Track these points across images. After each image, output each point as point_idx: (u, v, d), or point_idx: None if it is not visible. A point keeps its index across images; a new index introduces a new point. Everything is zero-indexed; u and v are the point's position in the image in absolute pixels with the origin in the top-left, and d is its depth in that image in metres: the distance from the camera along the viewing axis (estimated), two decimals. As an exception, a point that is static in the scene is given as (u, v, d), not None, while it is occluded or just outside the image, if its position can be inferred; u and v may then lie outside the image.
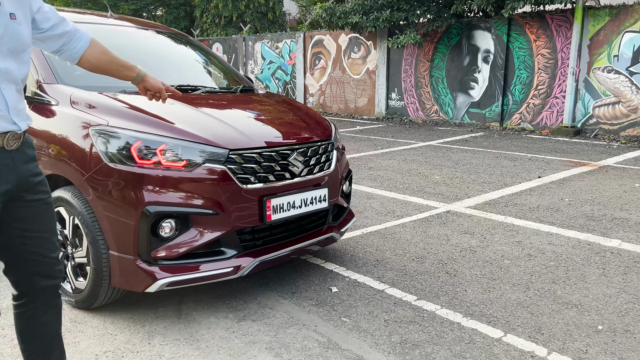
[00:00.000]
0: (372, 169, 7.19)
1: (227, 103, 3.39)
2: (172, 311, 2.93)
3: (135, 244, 2.58)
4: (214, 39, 19.40)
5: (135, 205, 2.55)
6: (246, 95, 3.71)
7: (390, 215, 4.96)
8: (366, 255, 3.89)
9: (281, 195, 2.94)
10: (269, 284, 3.33)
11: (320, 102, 15.56)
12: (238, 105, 3.41)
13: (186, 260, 2.69)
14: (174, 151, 2.64)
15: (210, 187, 2.68)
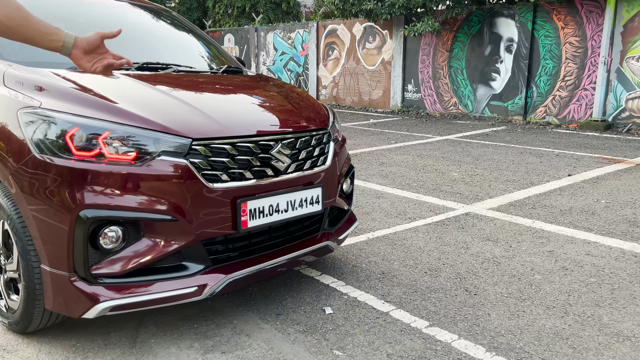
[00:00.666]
0: (384, 164, 6.59)
1: (202, 84, 2.83)
2: (127, 337, 2.39)
3: (70, 257, 2.03)
4: (226, 30, 18.90)
5: (69, 209, 2.01)
6: (228, 77, 3.14)
7: (402, 217, 4.37)
8: (370, 266, 3.30)
9: (261, 197, 2.37)
10: (250, 302, 2.77)
11: (333, 95, 14.95)
12: (215, 88, 2.85)
13: (136, 278, 2.14)
14: (120, 140, 2.09)
15: (167, 186, 2.13)
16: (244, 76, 3.24)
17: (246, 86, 3.00)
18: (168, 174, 2.12)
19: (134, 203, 2.07)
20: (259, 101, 2.82)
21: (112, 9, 3.40)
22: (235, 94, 2.83)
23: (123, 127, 2.10)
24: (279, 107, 2.77)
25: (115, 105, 2.19)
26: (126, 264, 2.10)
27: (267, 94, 2.95)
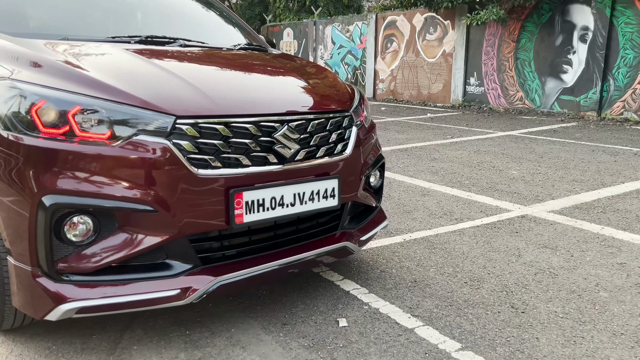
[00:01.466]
0: (436, 160, 6.08)
1: (207, 60, 2.51)
2: (108, 342, 2.11)
3: (33, 249, 1.77)
4: (285, 25, 18.77)
5: (31, 194, 1.75)
6: (242, 54, 2.81)
7: (447, 218, 3.89)
8: (401, 272, 2.88)
9: (261, 188, 2.02)
10: (255, 307, 2.44)
11: (390, 89, 14.41)
12: (219, 64, 2.52)
13: (108, 277, 1.85)
14: (93, 115, 1.81)
15: (145, 171, 1.82)
16: (262, 54, 2.90)
17: (259, 63, 2.66)
18: (146, 156, 1.82)
19: (105, 189, 1.79)
20: (268, 79, 2.47)
21: None
22: (241, 71, 2.49)
23: (96, 100, 1.82)
24: (292, 86, 2.41)
25: (91, 76, 1.91)
26: (97, 260, 1.82)
27: (280, 72, 2.60)
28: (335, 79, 2.73)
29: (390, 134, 8.20)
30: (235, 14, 3.55)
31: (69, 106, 1.78)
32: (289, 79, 2.51)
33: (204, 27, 3.19)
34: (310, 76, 2.64)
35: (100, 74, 1.94)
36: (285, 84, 2.44)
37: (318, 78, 2.66)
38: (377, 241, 3.36)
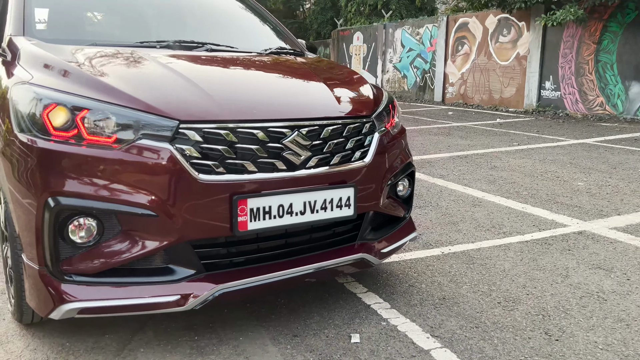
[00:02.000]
0: (495, 168, 5.77)
1: (228, 64, 2.49)
2: (118, 342, 2.14)
3: (39, 248, 1.83)
4: (356, 29, 18.73)
5: (38, 194, 1.80)
6: (270, 58, 2.77)
7: (494, 230, 3.66)
8: (431, 287, 2.72)
9: (268, 195, 1.97)
10: (269, 316, 2.38)
11: (460, 93, 13.95)
12: (241, 68, 2.49)
13: (110, 279, 1.87)
14: (100, 120, 1.83)
15: (147, 175, 1.82)
16: (290, 58, 2.85)
17: (281, 68, 2.61)
18: (149, 161, 1.82)
19: (107, 192, 1.80)
20: (285, 83, 2.42)
21: None
22: (259, 76, 2.45)
23: (103, 104, 1.84)
24: (309, 91, 2.34)
25: (102, 81, 1.94)
26: (100, 262, 1.84)
27: (302, 76, 2.54)
28: (362, 84, 2.62)
29: (452, 140, 7.90)
30: (274, 17, 3.53)
31: (78, 110, 1.82)
32: (308, 84, 2.44)
33: (238, 31, 3.20)
34: (334, 81, 2.56)
35: (112, 78, 1.97)
36: (302, 89, 2.37)
37: (343, 83, 2.58)
38: (411, 253, 3.21)
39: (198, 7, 3.23)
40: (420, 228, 3.71)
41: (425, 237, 3.52)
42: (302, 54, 3.09)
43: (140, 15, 2.91)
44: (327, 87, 2.38)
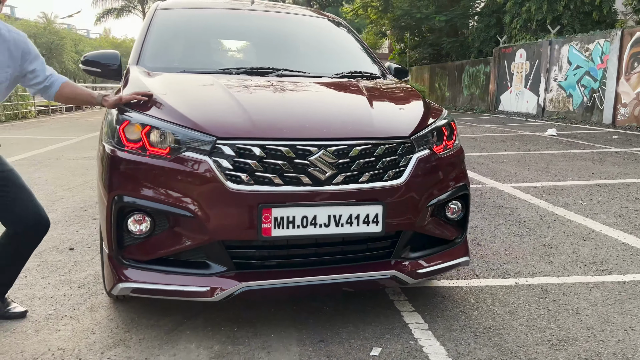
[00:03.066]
0: (636, 201, 5.14)
1: (286, 88, 2.73)
2: (174, 323, 2.51)
3: (109, 237, 2.27)
4: (518, 46, 17.78)
5: (109, 193, 2.24)
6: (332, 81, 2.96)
7: (592, 267, 3.33)
8: (482, 316, 2.63)
9: (292, 206, 2.17)
10: (308, 319, 2.55)
11: (634, 114, 12.40)
12: (296, 91, 2.71)
13: (158, 267, 2.24)
14: (158, 135, 2.22)
15: (188, 182, 2.16)
16: (354, 81, 3.00)
17: (336, 90, 2.80)
18: (190, 170, 2.15)
19: (159, 195, 2.17)
20: (328, 105, 2.58)
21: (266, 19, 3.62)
22: (307, 98, 2.65)
23: (161, 122, 2.23)
24: (349, 112, 2.49)
25: (167, 102, 2.34)
26: (150, 251, 2.23)
27: (351, 98, 2.70)
28: (414, 107, 2.67)
29: (600, 166, 7.15)
30: (362, 41, 3.71)
31: (143, 126, 2.24)
32: (350, 106, 2.58)
33: (321, 57, 3.45)
34: (383, 103, 2.65)
35: (176, 100, 2.36)
36: (340, 110, 2.52)
37: (393, 105, 2.66)
38: (481, 280, 3.11)
39: (290, 36, 3.56)
40: (508, 257, 3.54)
41: (507, 266, 3.35)
42: (377, 77, 3.23)
43: (233, 45, 3.34)
44: (369, 109, 2.50)
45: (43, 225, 2.49)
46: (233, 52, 3.33)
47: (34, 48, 2.39)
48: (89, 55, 3.02)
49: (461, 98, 22.56)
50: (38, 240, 2.52)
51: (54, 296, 2.82)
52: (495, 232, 4.12)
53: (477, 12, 23.20)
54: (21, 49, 2.32)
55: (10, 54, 2.29)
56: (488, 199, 5.32)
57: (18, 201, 2.41)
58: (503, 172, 6.83)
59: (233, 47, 3.39)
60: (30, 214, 2.44)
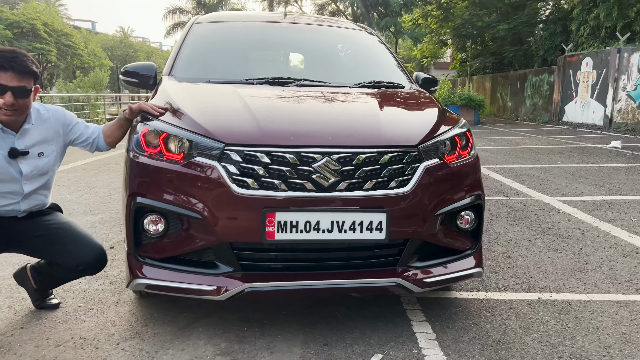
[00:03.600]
0: (693, 218, 4.80)
1: (300, 97, 2.79)
2: (189, 319, 2.64)
3: (128, 235, 2.43)
4: (584, 54, 17.02)
5: (128, 195, 2.41)
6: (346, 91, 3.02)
7: (627, 285, 3.18)
8: (494, 329, 2.58)
9: (295, 211, 2.24)
10: (317, 324, 2.60)
11: None
12: (308, 100, 2.78)
13: (170, 265, 2.37)
14: (173, 141, 2.36)
15: (198, 186, 2.28)
16: (370, 91, 3.03)
17: (349, 100, 2.85)
18: (201, 174, 2.27)
19: (171, 197, 2.31)
20: (338, 114, 2.63)
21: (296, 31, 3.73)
22: (319, 106, 2.71)
23: (177, 129, 2.37)
24: (356, 120, 2.53)
25: (183, 110, 2.48)
26: (163, 250, 2.36)
27: (363, 107, 2.75)
28: (429, 116, 2.67)
29: (660, 182, 6.73)
30: (391, 51, 3.74)
31: (160, 133, 2.39)
32: (359, 115, 2.62)
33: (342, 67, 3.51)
34: (396, 112, 2.67)
35: (192, 108, 2.50)
36: (349, 119, 2.55)
37: (406, 114, 2.68)
38: (502, 293, 3.04)
39: (317, 47, 3.65)
40: (537, 271, 3.43)
41: (533, 281, 3.26)
42: (399, 86, 3.25)
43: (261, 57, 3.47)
44: (378, 117, 2.53)
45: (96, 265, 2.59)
46: (260, 63, 3.46)
47: (70, 115, 2.69)
48: (129, 66, 3.24)
49: (523, 108, 21.82)
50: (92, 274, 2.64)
51: (86, 290, 3.03)
52: (530, 246, 4.00)
53: (543, 19, 22.42)
54: (61, 122, 2.62)
55: (53, 130, 2.58)
56: (530, 212, 5.15)
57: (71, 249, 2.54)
58: (553, 184, 6.57)
59: (261, 59, 3.52)
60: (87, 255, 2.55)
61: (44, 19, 34.76)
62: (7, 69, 2.28)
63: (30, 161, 2.48)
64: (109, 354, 2.31)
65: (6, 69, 2.28)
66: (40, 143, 2.52)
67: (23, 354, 2.31)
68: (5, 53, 2.29)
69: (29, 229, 2.52)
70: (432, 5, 25.11)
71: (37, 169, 2.50)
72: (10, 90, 2.29)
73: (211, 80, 3.04)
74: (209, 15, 3.90)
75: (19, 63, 2.30)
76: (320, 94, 2.88)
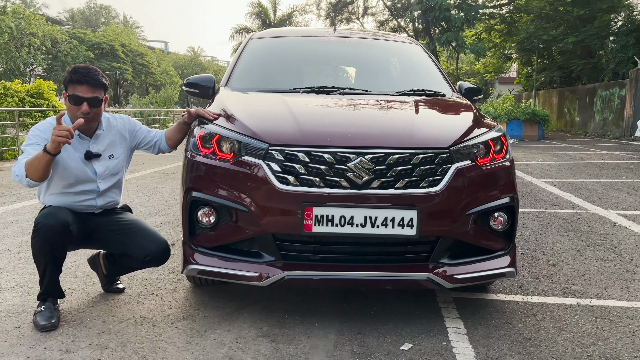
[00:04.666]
0: None
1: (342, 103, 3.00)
2: (235, 307, 2.88)
3: (184, 226, 2.71)
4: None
5: (185, 190, 2.69)
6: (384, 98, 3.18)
7: (674, 295, 3.12)
8: (528, 329, 2.65)
9: (331, 206, 2.44)
10: (353, 315, 2.77)
11: None
12: (348, 106, 2.98)
13: (220, 253, 2.62)
14: (225, 142, 2.63)
15: (246, 182, 2.52)
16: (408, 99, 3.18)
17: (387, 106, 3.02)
18: (248, 171, 2.52)
19: (222, 191, 2.57)
20: (374, 118, 2.81)
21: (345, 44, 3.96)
22: (357, 112, 2.90)
23: (228, 131, 2.64)
24: (391, 124, 2.70)
25: (235, 115, 2.76)
26: (214, 240, 2.62)
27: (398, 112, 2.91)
28: (463, 120, 2.80)
29: None
30: (436, 62, 3.88)
31: (214, 135, 2.67)
32: (395, 119, 2.78)
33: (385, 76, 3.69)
34: (431, 117, 2.82)
35: (243, 113, 2.77)
36: (384, 123, 2.72)
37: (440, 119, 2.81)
38: (539, 297, 3.08)
39: (362, 58, 3.86)
40: (581, 279, 3.43)
41: (575, 287, 3.26)
42: (440, 94, 3.38)
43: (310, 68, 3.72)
44: (412, 120, 2.70)
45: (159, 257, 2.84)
46: (309, 75, 3.71)
47: (134, 121, 3.06)
48: (191, 78, 3.58)
49: (592, 123, 20.95)
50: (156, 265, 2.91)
51: (148, 279, 3.36)
52: (577, 256, 3.97)
53: (614, 32, 21.52)
54: (127, 128, 2.98)
55: (121, 135, 2.94)
56: (584, 224, 5.06)
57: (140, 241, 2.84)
58: (613, 199, 6.38)
59: (310, 70, 3.77)
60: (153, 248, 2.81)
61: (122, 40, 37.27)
62: (82, 83, 2.66)
63: (103, 162, 2.83)
64: (164, 331, 2.59)
65: (82, 83, 2.66)
66: (111, 146, 2.88)
67: (92, 327, 2.63)
68: (81, 69, 2.69)
69: (104, 224, 2.87)
70: (495, 19, 24.74)
71: (109, 169, 2.85)
72: (86, 100, 2.67)
73: (262, 89, 3.32)
74: (265, 31, 4.21)
75: (92, 77, 2.68)
76: (360, 100, 3.08)
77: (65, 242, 2.66)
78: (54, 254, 2.63)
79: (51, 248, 2.60)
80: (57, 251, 2.64)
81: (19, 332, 2.57)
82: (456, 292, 3.09)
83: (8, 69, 26.01)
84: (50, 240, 2.58)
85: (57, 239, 2.60)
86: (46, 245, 2.58)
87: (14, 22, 25.55)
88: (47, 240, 2.58)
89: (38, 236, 2.58)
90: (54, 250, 2.61)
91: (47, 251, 2.59)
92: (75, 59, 30.81)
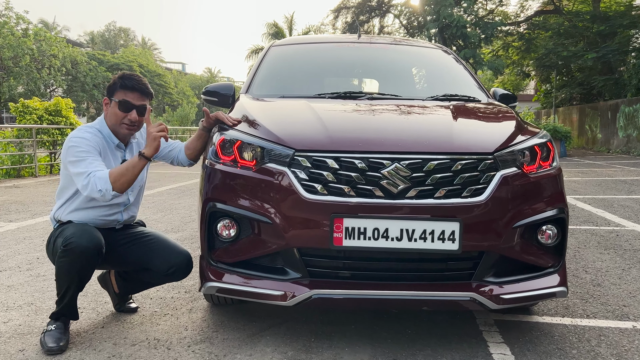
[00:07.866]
0: None
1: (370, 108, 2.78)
2: (258, 328, 2.64)
3: (202, 240, 2.50)
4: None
5: (203, 200, 2.49)
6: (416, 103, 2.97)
7: None
8: (582, 355, 2.37)
9: (364, 217, 2.21)
10: (386, 339, 2.51)
11: None
12: (377, 111, 2.75)
13: (241, 270, 2.40)
14: (247, 149, 2.43)
15: (269, 191, 2.31)
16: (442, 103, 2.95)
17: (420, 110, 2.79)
18: (272, 180, 2.31)
19: (242, 202, 2.36)
20: (407, 122, 2.60)
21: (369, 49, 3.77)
22: (388, 116, 2.69)
23: (249, 137, 2.44)
24: (427, 128, 2.48)
25: (257, 120, 2.56)
26: (234, 255, 2.40)
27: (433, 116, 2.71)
28: (505, 125, 2.56)
29: None
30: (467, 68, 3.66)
31: (235, 142, 2.47)
32: (430, 123, 2.56)
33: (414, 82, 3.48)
34: (470, 121, 2.59)
35: (266, 119, 2.56)
36: (419, 127, 2.50)
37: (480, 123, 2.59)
38: (590, 320, 2.80)
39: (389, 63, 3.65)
40: (632, 300, 3.14)
41: (627, 309, 2.97)
42: (474, 100, 3.15)
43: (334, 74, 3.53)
44: (450, 124, 2.47)
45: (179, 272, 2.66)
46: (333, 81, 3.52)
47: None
48: (210, 86, 3.41)
49: (616, 140, 20.47)
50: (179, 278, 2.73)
51: (163, 297, 3.14)
52: (623, 275, 3.67)
53: (636, 47, 21.17)
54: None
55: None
56: (624, 241, 4.75)
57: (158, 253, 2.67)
58: (650, 215, 6.05)
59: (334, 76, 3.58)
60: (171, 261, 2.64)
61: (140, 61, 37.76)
62: (135, 90, 2.57)
63: None
64: (180, 355, 2.36)
65: (134, 90, 2.56)
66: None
67: (102, 350, 2.41)
68: (134, 76, 2.60)
69: (122, 238, 2.67)
70: (513, 36, 24.54)
71: (139, 179, 2.67)
72: (135, 108, 2.57)
73: (285, 95, 3.12)
74: (286, 38, 4.05)
75: (144, 85, 2.60)
76: (391, 105, 2.87)
77: (96, 264, 2.49)
78: (82, 274, 2.44)
79: (81, 268, 2.41)
80: (86, 272, 2.46)
81: (23, 355, 2.36)
82: (497, 314, 2.82)
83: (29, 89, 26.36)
84: (83, 262, 2.39)
85: (90, 260, 2.42)
86: (76, 266, 2.39)
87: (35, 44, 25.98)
88: (78, 261, 2.38)
89: (69, 256, 2.37)
90: (83, 271, 2.43)
91: (75, 272, 2.40)
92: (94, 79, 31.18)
